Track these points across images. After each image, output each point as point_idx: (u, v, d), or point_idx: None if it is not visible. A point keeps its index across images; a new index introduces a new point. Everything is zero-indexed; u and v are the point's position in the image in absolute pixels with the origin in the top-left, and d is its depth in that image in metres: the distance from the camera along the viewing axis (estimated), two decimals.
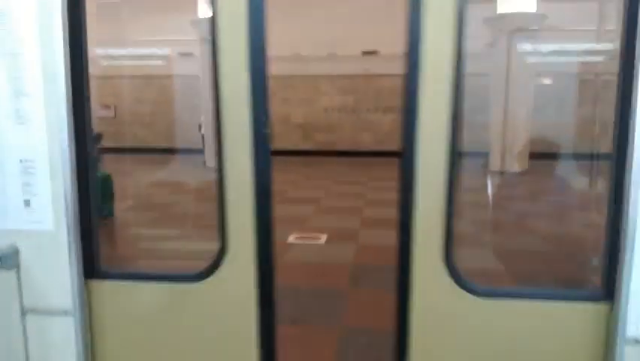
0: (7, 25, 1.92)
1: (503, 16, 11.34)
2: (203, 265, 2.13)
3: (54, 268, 2.05)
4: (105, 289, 2.17)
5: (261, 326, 2.12)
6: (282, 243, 5.83)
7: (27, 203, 2.04)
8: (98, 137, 7.47)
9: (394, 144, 2.19)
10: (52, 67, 1.94)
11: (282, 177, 8.88)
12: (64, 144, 1.98)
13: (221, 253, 2.09)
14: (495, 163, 12.05)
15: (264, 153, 2.00)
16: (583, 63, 12.40)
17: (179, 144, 14.79)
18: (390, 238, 2.13)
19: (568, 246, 5.56)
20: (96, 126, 1.87)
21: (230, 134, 2.01)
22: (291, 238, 6.14)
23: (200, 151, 12.46)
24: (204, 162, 11.87)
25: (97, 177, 6.53)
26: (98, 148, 7.19)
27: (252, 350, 2.13)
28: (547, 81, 13.79)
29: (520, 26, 11.29)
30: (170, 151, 14.34)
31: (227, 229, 2.06)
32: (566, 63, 12.65)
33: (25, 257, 2.06)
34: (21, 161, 2.01)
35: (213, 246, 2.09)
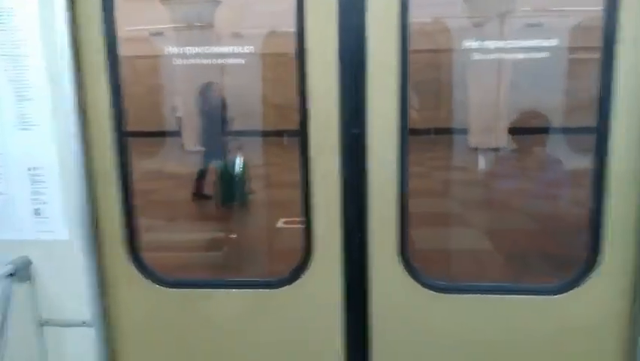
0: (7, 25, 1.80)
1: None
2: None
3: (70, 278, 1.98)
4: (155, 296, 2.08)
5: (349, 331, 2.02)
6: (272, 228, 5.72)
7: (37, 212, 1.94)
8: (230, 120, 7.14)
9: None
10: (57, 69, 1.83)
11: (266, 159, 8.72)
12: (75, 149, 1.89)
13: (307, 256, 1.99)
14: (473, 140, 12.12)
15: (353, 150, 1.90)
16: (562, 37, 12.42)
17: (151, 127, 14.39)
18: None
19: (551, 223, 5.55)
20: None
21: (317, 132, 1.90)
22: (280, 223, 6.05)
23: (177, 134, 12.14)
24: (182, 145, 11.60)
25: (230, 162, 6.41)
26: (230, 132, 7.03)
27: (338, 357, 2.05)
28: (522, 55, 13.79)
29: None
30: (142, 135, 13.93)
31: (314, 231, 1.96)
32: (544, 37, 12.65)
33: (38, 268, 1.98)
34: (29, 169, 1.91)
35: None
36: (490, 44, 1.97)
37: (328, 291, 2.00)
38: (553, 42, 1.98)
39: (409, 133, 1.89)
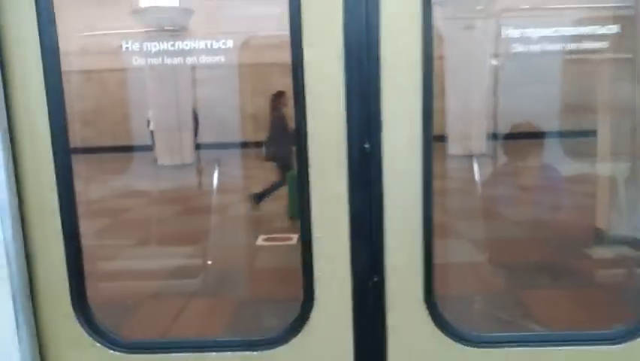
0: None
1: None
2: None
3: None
4: None
5: None
6: (251, 246, 5.45)
7: None
8: (293, 130, 6.75)
9: None
10: None
11: (241, 172, 8.30)
12: (1, 170, 1.50)
13: (307, 305, 1.62)
14: (453, 147, 12.00)
15: (364, 170, 1.56)
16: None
17: (125, 141, 13.92)
18: None
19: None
20: None
21: (318, 147, 1.56)
22: (260, 241, 5.68)
23: (149, 148, 11.76)
24: (155, 160, 11.22)
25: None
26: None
27: None
28: (500, 62, 13.77)
29: None
30: (115, 150, 13.45)
31: (315, 275, 1.60)
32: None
33: None
34: None
35: None
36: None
37: (335, 349, 1.63)
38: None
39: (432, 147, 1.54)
